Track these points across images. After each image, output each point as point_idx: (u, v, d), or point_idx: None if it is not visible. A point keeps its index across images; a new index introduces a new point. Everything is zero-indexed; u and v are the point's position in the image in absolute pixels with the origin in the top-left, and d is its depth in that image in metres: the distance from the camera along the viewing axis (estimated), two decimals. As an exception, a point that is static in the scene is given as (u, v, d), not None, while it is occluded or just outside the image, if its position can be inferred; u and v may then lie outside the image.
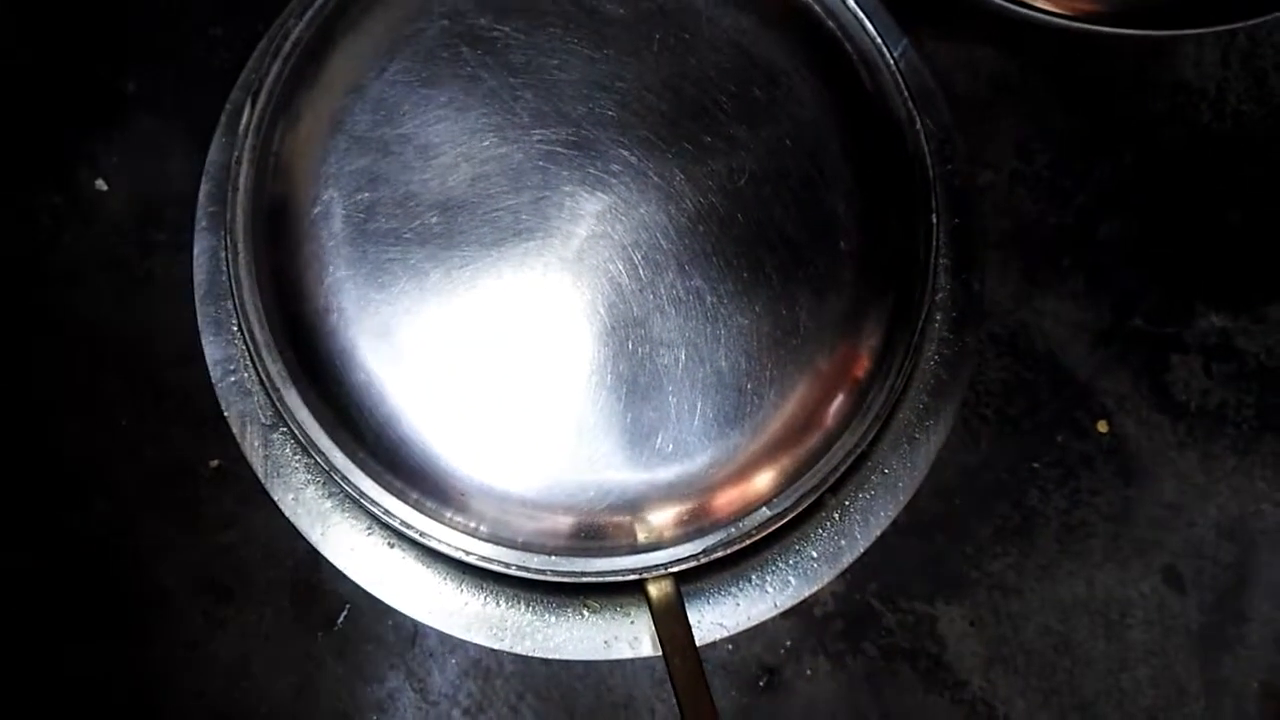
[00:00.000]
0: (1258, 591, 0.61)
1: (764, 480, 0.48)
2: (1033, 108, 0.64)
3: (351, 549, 0.53)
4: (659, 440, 0.46)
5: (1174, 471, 0.62)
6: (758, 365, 0.46)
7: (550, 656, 0.54)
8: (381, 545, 0.53)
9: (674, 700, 0.45)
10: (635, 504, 0.46)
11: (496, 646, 0.53)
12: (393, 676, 0.57)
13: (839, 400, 0.48)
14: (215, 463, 0.58)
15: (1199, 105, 0.65)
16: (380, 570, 0.53)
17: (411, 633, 0.57)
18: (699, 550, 0.47)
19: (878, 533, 0.56)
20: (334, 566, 0.53)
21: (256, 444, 0.54)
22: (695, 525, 0.47)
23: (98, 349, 0.59)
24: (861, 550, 0.56)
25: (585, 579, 0.47)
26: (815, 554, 0.55)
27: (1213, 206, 0.64)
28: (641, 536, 0.47)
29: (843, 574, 0.58)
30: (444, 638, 0.57)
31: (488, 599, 0.53)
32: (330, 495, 0.54)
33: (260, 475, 0.54)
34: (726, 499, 0.47)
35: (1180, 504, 0.62)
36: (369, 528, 0.54)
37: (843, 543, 0.56)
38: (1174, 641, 0.60)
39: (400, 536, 0.53)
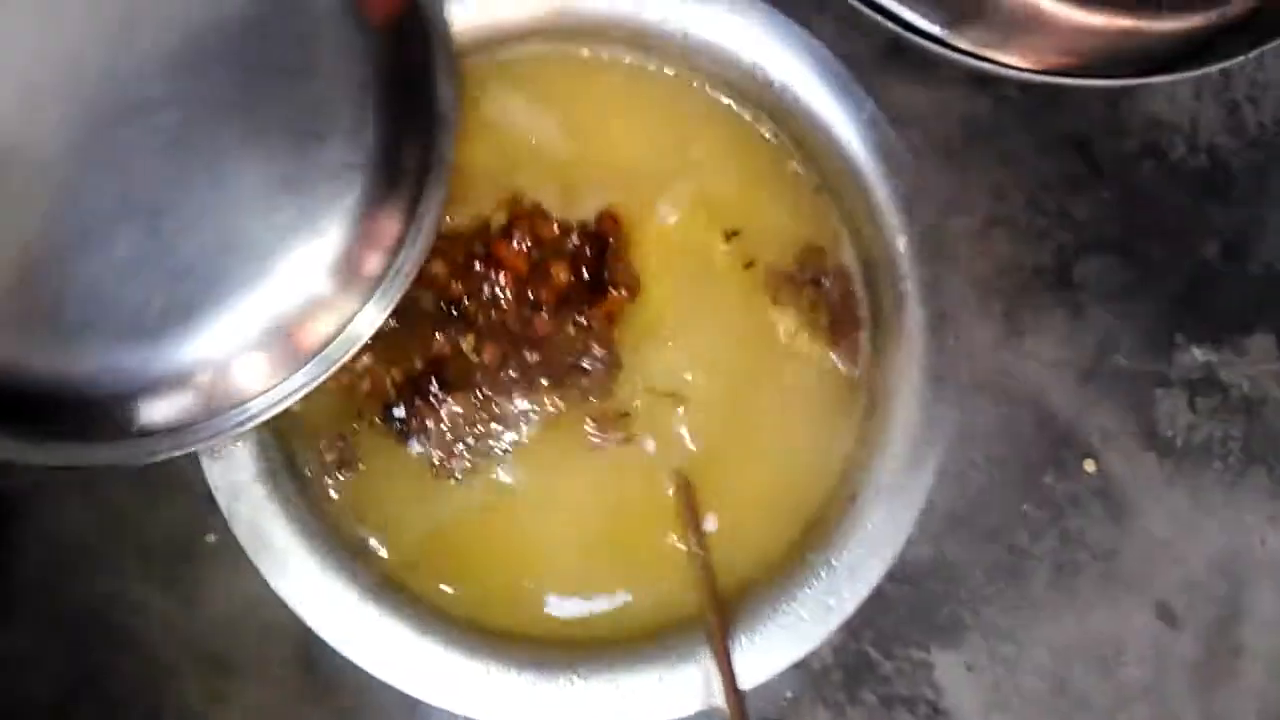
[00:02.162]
0: (1251, 624, 0.61)
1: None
2: (1006, 149, 0.64)
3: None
4: None
5: (1163, 507, 0.62)
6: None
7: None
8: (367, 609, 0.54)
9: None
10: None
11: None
12: (389, 752, 0.58)
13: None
14: (211, 537, 0.58)
15: (1173, 140, 0.65)
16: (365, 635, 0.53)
17: (411, 707, 0.58)
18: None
19: (865, 591, 0.57)
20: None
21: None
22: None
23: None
24: (850, 611, 0.56)
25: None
26: (805, 614, 0.56)
27: (1190, 240, 0.64)
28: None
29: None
30: (444, 714, 0.57)
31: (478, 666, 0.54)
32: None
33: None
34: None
35: (1170, 539, 0.62)
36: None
37: (831, 601, 0.56)
38: (1170, 677, 0.61)
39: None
